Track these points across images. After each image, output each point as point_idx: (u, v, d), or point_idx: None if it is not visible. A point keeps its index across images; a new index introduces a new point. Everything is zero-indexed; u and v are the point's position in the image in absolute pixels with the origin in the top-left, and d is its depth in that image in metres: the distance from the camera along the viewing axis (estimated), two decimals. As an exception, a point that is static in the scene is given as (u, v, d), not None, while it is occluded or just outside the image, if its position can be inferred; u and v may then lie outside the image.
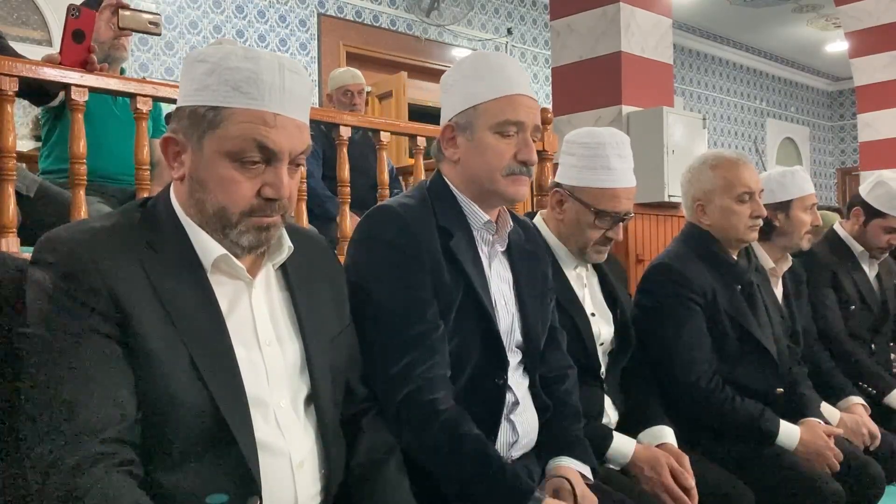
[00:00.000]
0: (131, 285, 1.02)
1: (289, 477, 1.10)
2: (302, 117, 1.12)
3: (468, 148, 1.46)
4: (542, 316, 1.56)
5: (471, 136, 1.45)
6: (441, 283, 1.39)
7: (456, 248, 1.42)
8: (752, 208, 2.06)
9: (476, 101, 1.44)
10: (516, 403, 1.47)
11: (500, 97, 1.43)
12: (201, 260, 1.09)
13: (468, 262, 1.42)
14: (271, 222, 1.11)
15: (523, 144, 1.44)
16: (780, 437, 1.95)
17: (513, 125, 1.43)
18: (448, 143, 1.49)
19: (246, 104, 1.06)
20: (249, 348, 1.11)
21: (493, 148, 1.43)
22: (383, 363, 1.34)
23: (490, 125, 1.43)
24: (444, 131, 1.49)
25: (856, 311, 2.65)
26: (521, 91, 1.45)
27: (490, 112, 1.43)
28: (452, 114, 1.47)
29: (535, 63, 8.05)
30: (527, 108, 1.45)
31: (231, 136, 1.06)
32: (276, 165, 1.09)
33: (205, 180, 1.08)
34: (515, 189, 1.45)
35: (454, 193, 1.49)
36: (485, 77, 1.45)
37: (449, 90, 1.50)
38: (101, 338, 0.99)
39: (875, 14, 6.29)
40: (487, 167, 1.44)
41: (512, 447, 1.46)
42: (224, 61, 1.07)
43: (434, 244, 1.40)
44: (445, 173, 1.51)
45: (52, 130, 2.68)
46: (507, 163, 1.44)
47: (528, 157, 1.44)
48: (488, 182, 1.45)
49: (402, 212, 1.42)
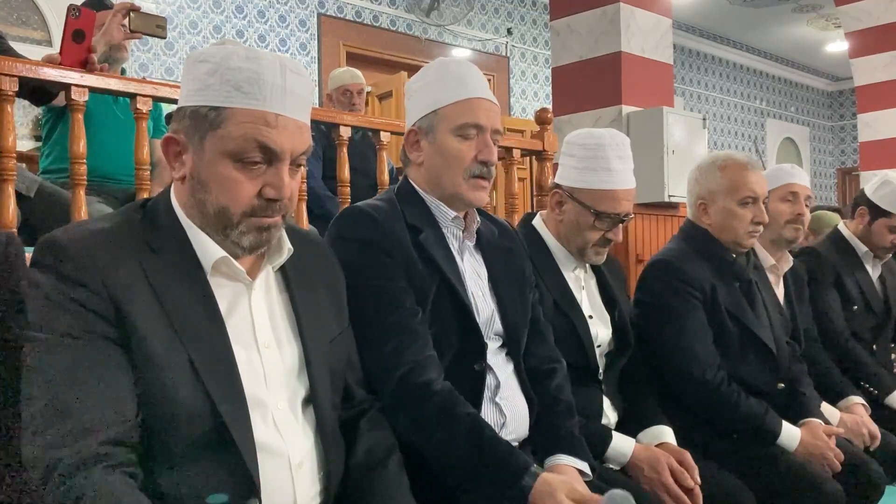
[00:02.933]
0: (131, 287, 1.02)
1: (287, 478, 1.10)
2: (303, 118, 1.13)
3: (431, 151, 1.52)
4: (521, 307, 1.59)
5: (433, 140, 1.51)
6: (415, 276, 1.43)
7: (426, 243, 1.46)
8: (754, 213, 2.06)
9: (437, 106, 1.50)
10: (499, 386, 1.49)
11: (460, 101, 1.49)
12: (201, 262, 1.09)
13: (440, 256, 1.47)
14: (272, 223, 1.11)
15: (483, 145, 1.49)
16: (781, 437, 1.94)
17: (472, 127, 1.49)
18: (412, 147, 1.55)
19: (247, 104, 1.06)
20: (248, 350, 1.11)
21: (454, 150, 1.49)
22: (371, 353, 1.36)
23: (451, 128, 1.49)
24: (408, 136, 1.55)
25: (858, 311, 2.65)
26: (479, 95, 1.51)
27: (450, 116, 1.49)
28: (416, 118, 1.53)
29: (535, 63, 8.05)
30: (486, 111, 1.50)
31: (232, 136, 1.06)
32: (278, 166, 1.09)
33: (206, 180, 1.08)
34: (475, 194, 1.51)
35: (421, 195, 1.54)
36: (445, 82, 1.51)
37: (413, 96, 1.56)
38: (100, 339, 0.99)
39: (875, 14, 6.29)
40: (449, 169, 1.49)
41: (501, 429, 1.46)
42: (225, 61, 1.07)
43: (405, 240, 1.45)
44: (412, 177, 1.57)
45: (52, 130, 2.68)
46: (468, 164, 1.49)
47: (489, 158, 1.49)
48: (451, 186, 1.50)
49: (371, 210, 1.47)
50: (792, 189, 2.36)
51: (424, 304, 1.43)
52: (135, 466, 0.98)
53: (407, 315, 1.39)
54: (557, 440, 1.52)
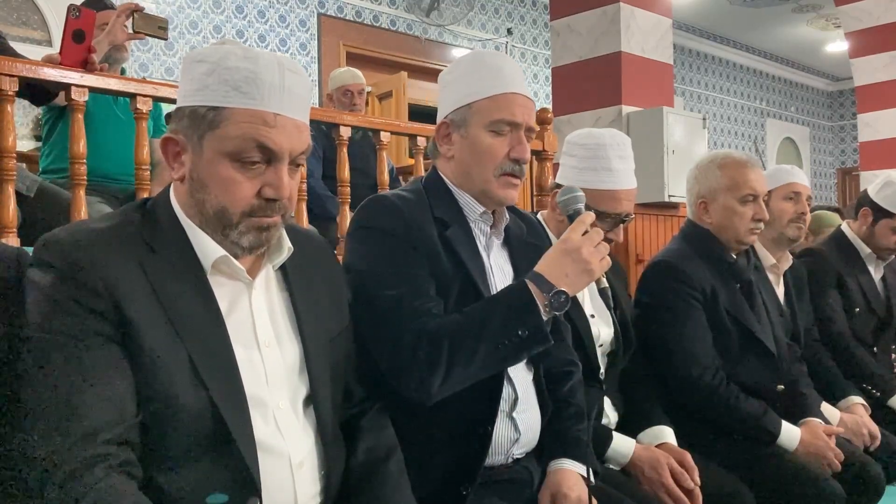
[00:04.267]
0: (131, 286, 1.01)
1: (288, 477, 1.10)
2: (302, 117, 1.12)
3: (462, 145, 1.47)
4: None
5: (465, 134, 1.46)
6: (438, 271, 1.40)
7: (452, 238, 1.43)
8: (754, 211, 2.06)
9: (471, 99, 1.45)
10: (517, 400, 1.45)
11: (495, 95, 1.44)
12: (201, 261, 1.09)
13: (465, 252, 1.43)
14: (271, 222, 1.11)
15: (517, 143, 1.45)
16: (781, 437, 1.94)
17: (507, 124, 1.44)
18: (443, 140, 1.50)
19: (246, 104, 1.06)
20: (249, 349, 1.11)
21: (486, 146, 1.44)
22: (392, 339, 1.33)
23: (484, 123, 1.44)
24: (440, 128, 1.51)
25: (860, 313, 2.64)
26: (516, 90, 1.46)
27: (485, 110, 1.44)
28: (448, 111, 1.48)
29: (535, 63, 8.05)
30: (521, 108, 1.45)
31: (231, 136, 1.06)
32: (277, 165, 1.09)
33: (205, 180, 1.08)
34: (505, 192, 1.46)
35: (449, 188, 1.50)
36: (481, 75, 1.45)
37: (446, 88, 1.51)
38: (100, 339, 0.99)
39: (875, 14, 6.29)
40: (480, 164, 1.45)
41: (514, 445, 1.45)
42: (223, 61, 1.06)
43: (431, 233, 1.41)
44: (441, 169, 1.52)
45: (52, 130, 2.68)
46: (500, 161, 1.44)
47: (521, 156, 1.45)
48: (480, 182, 1.46)
49: (398, 202, 1.43)
50: (795, 188, 2.36)
51: (447, 300, 1.40)
52: (135, 466, 0.98)
53: (428, 302, 1.36)
54: (563, 444, 1.50)
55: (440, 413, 1.35)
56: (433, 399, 1.32)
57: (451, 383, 1.31)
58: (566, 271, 1.32)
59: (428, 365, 1.29)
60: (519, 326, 1.30)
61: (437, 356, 1.29)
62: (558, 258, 1.34)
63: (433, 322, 1.33)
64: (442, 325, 1.32)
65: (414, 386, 1.31)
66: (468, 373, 1.31)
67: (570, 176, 1.82)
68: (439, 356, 1.29)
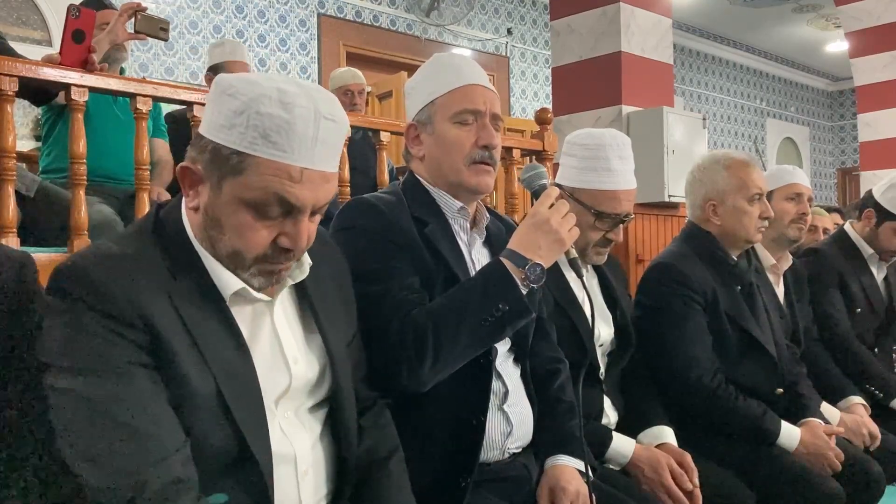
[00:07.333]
0: (161, 314, 1.00)
1: (293, 485, 1.10)
2: (331, 168, 1.06)
3: (431, 142, 1.50)
4: None
5: (432, 130, 1.49)
6: (421, 266, 1.41)
7: (431, 235, 1.45)
8: (760, 209, 2.07)
9: (433, 97, 1.49)
10: (507, 394, 1.47)
11: (455, 89, 1.48)
12: (220, 290, 1.07)
13: (446, 249, 1.45)
14: (284, 268, 1.09)
15: (482, 129, 1.47)
16: (781, 438, 1.94)
17: (469, 113, 1.47)
18: (413, 142, 1.54)
19: (272, 156, 1.00)
20: (277, 371, 1.10)
21: (453, 137, 1.47)
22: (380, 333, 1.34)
23: (448, 116, 1.47)
24: (409, 131, 1.54)
25: (862, 313, 2.64)
26: (475, 81, 1.49)
27: (447, 104, 1.48)
28: (414, 113, 1.53)
29: (535, 63, 8.06)
30: (482, 96, 1.48)
31: (252, 187, 1.01)
32: (297, 217, 1.05)
33: (220, 220, 1.04)
34: (479, 179, 1.48)
35: (426, 187, 1.52)
36: (440, 74, 1.50)
37: (410, 95, 1.56)
38: (141, 368, 0.98)
39: (875, 14, 6.29)
40: (450, 156, 1.48)
41: (507, 438, 1.46)
42: (255, 104, 0.99)
43: (411, 232, 1.43)
44: (416, 171, 1.55)
45: (52, 129, 2.68)
46: (469, 150, 1.47)
47: (489, 142, 1.47)
48: (452, 174, 1.48)
49: (377, 202, 1.46)
50: (797, 189, 2.36)
51: (431, 295, 1.41)
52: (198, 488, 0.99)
53: (412, 294, 1.37)
54: (558, 441, 1.52)
55: (433, 406, 1.38)
56: (426, 385, 1.33)
57: (440, 366, 1.33)
58: (539, 244, 1.36)
59: (416, 351, 1.31)
60: (499, 300, 1.32)
61: (423, 342, 1.31)
62: (529, 232, 1.38)
63: (416, 310, 1.35)
64: (424, 311, 1.35)
65: (405, 375, 1.32)
66: (455, 353, 1.33)
67: (569, 176, 1.82)
68: (425, 341, 1.31)
